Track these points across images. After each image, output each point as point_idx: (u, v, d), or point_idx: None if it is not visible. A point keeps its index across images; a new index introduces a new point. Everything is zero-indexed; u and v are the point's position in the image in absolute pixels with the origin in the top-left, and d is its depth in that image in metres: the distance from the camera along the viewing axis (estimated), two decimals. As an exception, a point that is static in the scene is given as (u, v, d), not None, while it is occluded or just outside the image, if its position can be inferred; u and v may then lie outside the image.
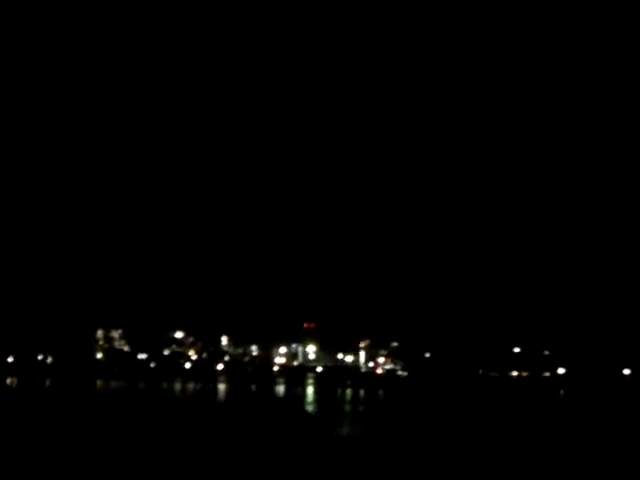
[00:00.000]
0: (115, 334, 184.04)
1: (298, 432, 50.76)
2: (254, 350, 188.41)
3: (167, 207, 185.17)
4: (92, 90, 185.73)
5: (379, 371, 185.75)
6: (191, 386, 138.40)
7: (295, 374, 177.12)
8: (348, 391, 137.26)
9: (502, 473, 33.83)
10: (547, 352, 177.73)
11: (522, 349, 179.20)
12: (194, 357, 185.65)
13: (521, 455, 40.89)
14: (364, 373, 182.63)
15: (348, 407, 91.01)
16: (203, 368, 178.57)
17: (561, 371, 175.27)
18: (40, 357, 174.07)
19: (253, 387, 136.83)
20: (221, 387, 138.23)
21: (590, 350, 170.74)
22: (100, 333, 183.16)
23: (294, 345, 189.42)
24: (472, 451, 41.87)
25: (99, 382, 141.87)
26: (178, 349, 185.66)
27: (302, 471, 33.01)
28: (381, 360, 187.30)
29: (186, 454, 37.23)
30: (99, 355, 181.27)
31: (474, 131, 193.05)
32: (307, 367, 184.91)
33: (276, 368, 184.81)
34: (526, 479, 32.24)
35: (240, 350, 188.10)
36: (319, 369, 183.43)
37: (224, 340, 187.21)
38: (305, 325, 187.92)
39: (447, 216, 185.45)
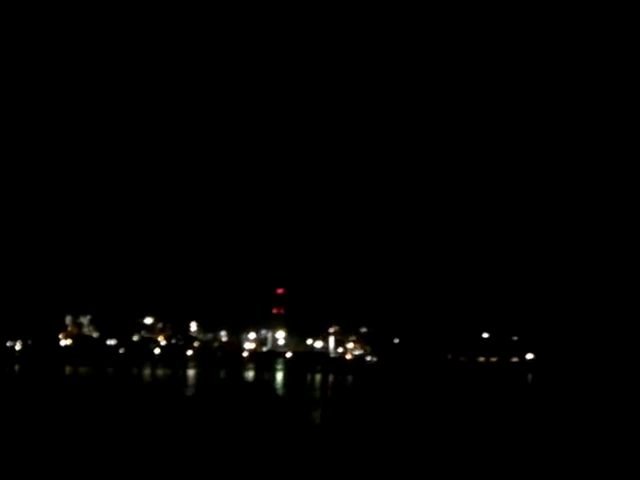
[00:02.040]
0: (84, 320, 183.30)
1: (270, 418, 50.92)
2: (223, 336, 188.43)
3: (136, 196, 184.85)
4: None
5: (348, 356, 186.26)
6: (161, 372, 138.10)
7: (264, 359, 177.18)
8: (317, 376, 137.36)
9: (472, 456, 34.15)
10: (515, 338, 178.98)
11: (491, 335, 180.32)
12: (163, 343, 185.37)
13: (491, 438, 41.24)
14: (333, 358, 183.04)
15: (318, 393, 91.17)
16: (173, 353, 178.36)
17: (529, 356, 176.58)
18: (9, 343, 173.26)
19: (223, 372, 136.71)
20: (191, 372, 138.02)
21: (558, 336, 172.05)
22: (69, 319, 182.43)
23: (263, 331, 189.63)
24: (442, 436, 42.18)
25: (68, 368, 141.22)
26: (147, 335, 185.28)
27: (275, 457, 33.18)
28: (350, 346, 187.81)
29: (158, 440, 37.30)
30: (68, 341, 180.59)
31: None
32: (276, 352, 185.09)
33: (245, 354, 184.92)
34: (496, 462, 32.57)
35: (209, 336, 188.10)
36: (288, 354, 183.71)
37: (193, 326, 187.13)
38: (274, 311, 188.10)
39: (417, 205, 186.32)
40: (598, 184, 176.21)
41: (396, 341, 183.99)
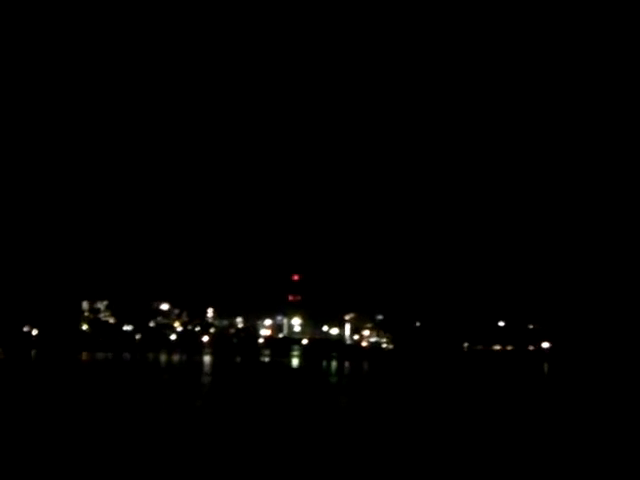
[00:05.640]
0: (101, 305, 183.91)
1: (287, 404, 50.93)
2: (239, 322, 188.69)
3: (153, 182, 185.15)
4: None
5: (364, 344, 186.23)
6: (177, 357, 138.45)
7: (280, 346, 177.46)
8: (333, 363, 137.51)
9: (487, 444, 34.06)
10: (531, 326, 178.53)
11: (507, 323, 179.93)
12: (179, 329, 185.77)
13: (507, 428, 41.12)
14: (349, 345, 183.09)
15: (333, 379, 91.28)
16: (188, 340, 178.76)
17: (545, 345, 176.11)
18: (26, 329, 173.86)
19: (239, 359, 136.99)
20: (207, 359, 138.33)
21: (575, 324, 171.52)
22: (85, 304, 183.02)
23: (279, 317, 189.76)
24: (458, 424, 42.09)
25: (85, 353, 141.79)
26: (164, 321, 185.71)
27: (293, 443, 33.16)
28: (366, 333, 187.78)
29: (176, 427, 37.31)
30: (84, 326, 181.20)
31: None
32: (292, 339, 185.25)
33: (261, 340, 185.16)
34: (511, 452, 32.46)
35: (226, 322, 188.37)
36: (304, 341, 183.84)
37: (210, 312, 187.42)
38: (290, 297, 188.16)
39: (434, 194, 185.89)
40: (618, 171, 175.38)
41: (412, 329, 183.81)
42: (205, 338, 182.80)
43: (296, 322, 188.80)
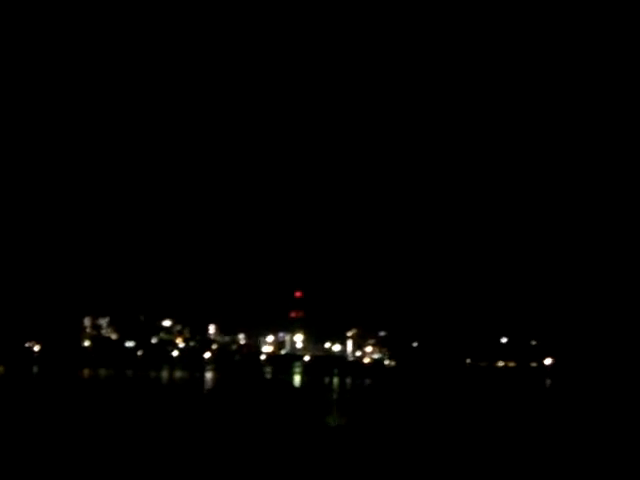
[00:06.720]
0: (103, 322, 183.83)
1: (288, 422, 50.81)
2: (241, 338, 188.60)
3: (154, 197, 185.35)
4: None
5: (366, 360, 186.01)
6: (178, 374, 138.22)
7: (282, 363, 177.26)
8: (335, 380, 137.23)
9: (491, 461, 33.95)
10: (534, 342, 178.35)
11: (509, 339, 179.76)
12: (182, 345, 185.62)
13: (510, 445, 41.01)
14: (351, 362, 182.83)
15: (335, 396, 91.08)
16: (191, 356, 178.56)
17: (548, 361, 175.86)
18: (28, 345, 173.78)
19: (241, 375, 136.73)
20: (209, 375, 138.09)
21: (577, 340, 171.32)
22: (88, 321, 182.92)
23: (281, 334, 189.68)
24: (461, 441, 41.96)
25: (86, 370, 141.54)
26: (166, 337, 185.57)
27: (293, 461, 33.07)
28: (368, 349, 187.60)
29: (176, 444, 37.24)
30: (86, 343, 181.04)
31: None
32: (294, 356, 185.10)
33: (263, 357, 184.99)
34: (515, 469, 32.34)
35: (228, 338, 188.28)
36: (306, 358, 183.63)
37: (212, 328, 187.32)
38: (292, 314, 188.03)
39: (434, 208, 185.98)
40: (618, 185, 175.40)
41: (414, 345, 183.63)
42: (207, 354, 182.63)
43: (298, 338, 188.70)
